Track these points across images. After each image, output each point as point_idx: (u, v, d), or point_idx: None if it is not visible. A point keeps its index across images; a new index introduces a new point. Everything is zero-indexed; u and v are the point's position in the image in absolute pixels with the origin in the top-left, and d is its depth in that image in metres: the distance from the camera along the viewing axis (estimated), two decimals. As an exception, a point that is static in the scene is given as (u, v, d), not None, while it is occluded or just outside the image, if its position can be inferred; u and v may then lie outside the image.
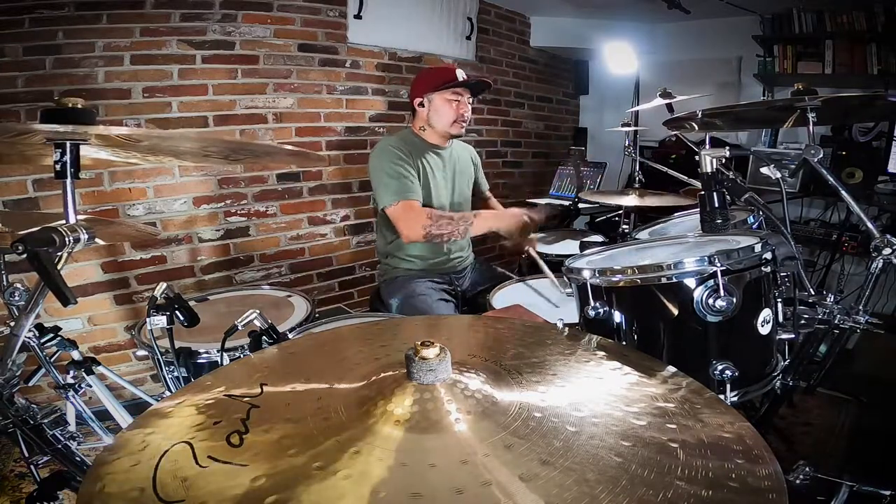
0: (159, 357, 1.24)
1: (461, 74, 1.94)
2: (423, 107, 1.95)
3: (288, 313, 1.62)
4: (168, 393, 1.30)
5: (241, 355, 1.27)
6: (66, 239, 0.80)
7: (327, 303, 2.90)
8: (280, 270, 2.78)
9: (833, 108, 1.33)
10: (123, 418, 1.40)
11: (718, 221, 1.13)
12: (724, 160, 1.12)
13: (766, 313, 0.95)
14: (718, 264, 0.87)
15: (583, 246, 2.01)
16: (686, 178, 2.21)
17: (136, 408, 1.20)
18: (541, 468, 0.49)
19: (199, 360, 1.34)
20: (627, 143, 2.66)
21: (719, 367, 0.90)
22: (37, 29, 2.02)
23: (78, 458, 0.95)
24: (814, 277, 3.07)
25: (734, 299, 0.88)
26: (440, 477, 0.48)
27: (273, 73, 2.59)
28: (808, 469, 0.97)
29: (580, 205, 3.26)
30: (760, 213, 1.26)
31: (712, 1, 3.06)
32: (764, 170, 1.24)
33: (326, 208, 2.89)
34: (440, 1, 3.11)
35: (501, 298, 1.74)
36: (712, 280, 0.89)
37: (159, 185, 2.36)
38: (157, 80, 2.28)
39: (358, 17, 2.79)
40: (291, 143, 2.63)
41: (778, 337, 1.02)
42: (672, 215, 2.01)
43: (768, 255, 0.94)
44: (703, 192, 1.14)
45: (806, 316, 1.07)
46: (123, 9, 2.16)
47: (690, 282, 0.91)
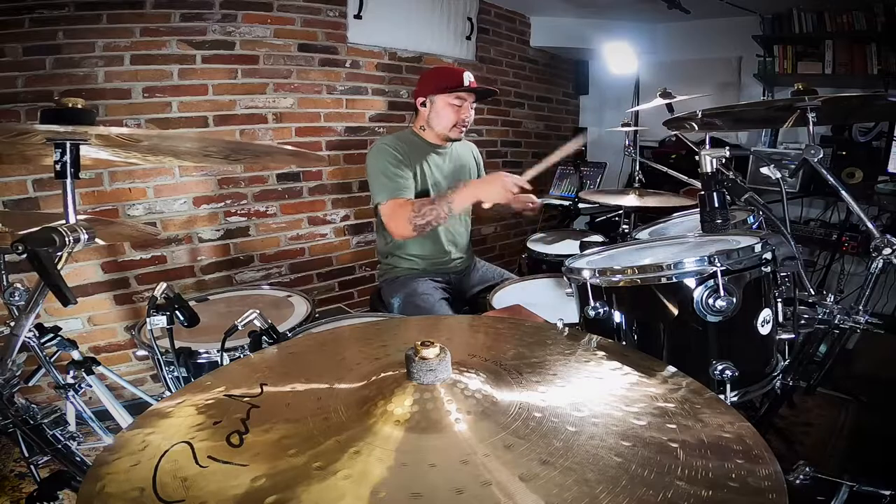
0: (159, 357, 1.24)
1: (468, 78, 1.90)
2: (424, 107, 1.95)
3: (288, 313, 1.62)
4: (168, 393, 1.30)
5: (241, 355, 1.27)
6: (66, 239, 0.80)
7: (327, 303, 2.91)
8: (280, 270, 2.78)
9: (833, 108, 1.33)
10: (123, 418, 1.40)
11: (718, 221, 1.13)
12: (724, 160, 1.13)
13: (766, 313, 0.95)
14: (718, 264, 0.87)
15: (583, 246, 2.00)
16: (686, 178, 2.21)
17: (136, 408, 1.20)
18: (541, 468, 0.49)
19: (199, 360, 1.33)
20: (627, 143, 2.66)
21: (719, 367, 0.90)
22: (37, 29, 2.02)
23: (78, 458, 0.95)
24: (814, 277, 3.07)
25: (734, 299, 0.88)
26: (440, 477, 0.48)
27: (273, 73, 2.59)
28: (808, 469, 0.97)
29: (580, 205, 3.26)
30: (760, 213, 1.26)
31: (712, 1, 3.06)
32: (764, 170, 1.24)
33: (326, 208, 2.89)
34: (440, 1, 3.11)
35: (501, 298, 1.74)
36: (712, 280, 0.89)
37: (159, 185, 2.36)
38: (157, 80, 2.28)
39: (358, 17, 2.79)
40: (291, 143, 2.63)
41: (778, 337, 1.02)
42: (672, 215, 2.01)
43: (768, 255, 0.94)
44: (703, 192, 1.14)
45: (806, 316, 1.07)
46: (123, 9, 2.17)
47: (690, 282, 0.91)
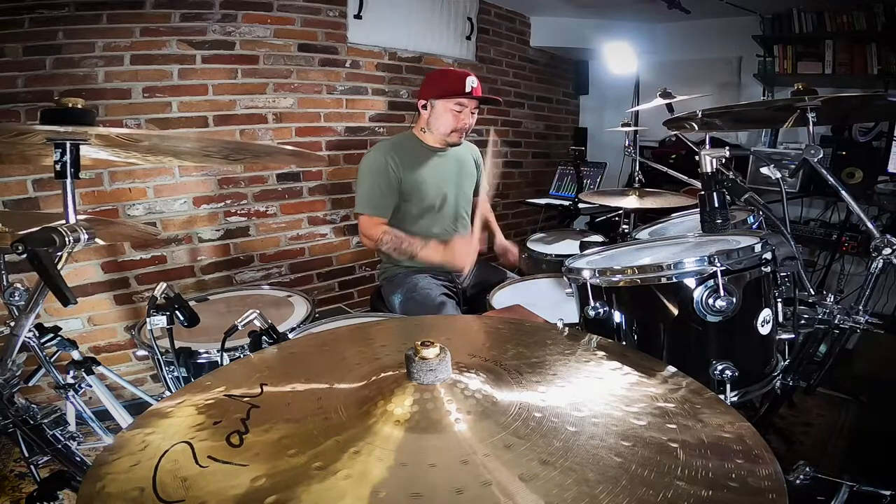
0: (159, 357, 1.24)
1: (471, 83, 1.87)
2: (426, 109, 1.94)
3: (288, 313, 1.62)
4: (168, 393, 1.30)
5: (241, 355, 1.27)
6: (66, 239, 0.80)
7: (327, 303, 2.90)
8: (280, 270, 2.78)
9: (833, 108, 1.33)
10: (123, 418, 1.40)
11: (718, 221, 1.13)
12: (724, 160, 1.13)
13: (766, 313, 0.95)
14: (718, 264, 0.87)
15: (583, 246, 2.00)
16: (686, 178, 2.21)
17: (136, 408, 1.20)
18: (541, 468, 0.49)
19: (199, 360, 1.33)
20: (627, 143, 2.66)
21: (719, 367, 0.90)
22: (37, 29, 2.02)
23: (78, 458, 0.95)
24: (814, 277, 3.07)
25: (734, 299, 0.88)
26: (440, 477, 0.48)
27: (273, 73, 2.59)
28: (808, 469, 0.97)
29: (580, 205, 3.26)
30: (760, 213, 1.26)
31: (712, 1, 3.06)
32: (764, 170, 1.24)
33: (326, 208, 2.90)
34: (440, 1, 3.11)
35: (501, 298, 1.74)
36: (712, 280, 0.89)
37: (159, 185, 2.36)
38: (157, 80, 2.28)
39: (358, 17, 2.79)
40: (291, 143, 2.63)
41: (778, 337, 1.02)
42: (672, 215, 2.01)
43: (768, 255, 0.94)
44: (703, 192, 1.14)
45: (806, 316, 1.07)
46: (123, 9, 2.17)
47: (690, 282, 0.91)
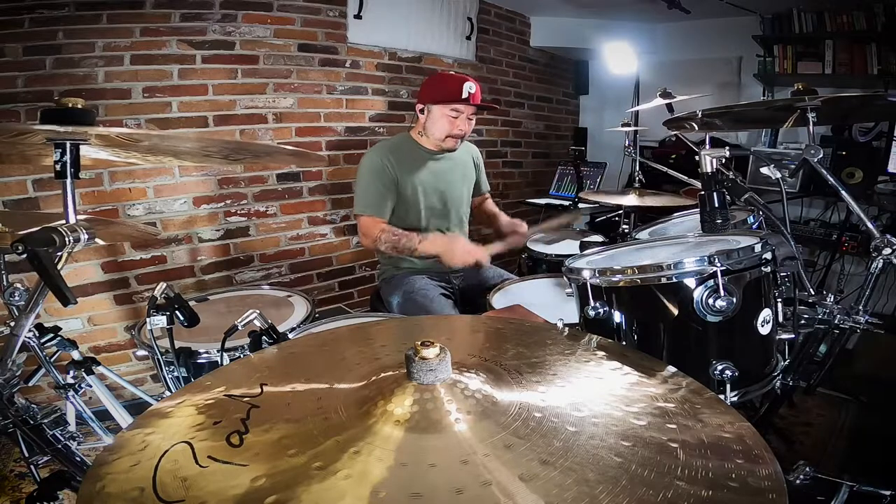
0: (159, 357, 1.24)
1: (468, 89, 1.84)
2: (423, 113, 1.94)
3: (288, 313, 1.62)
4: (168, 393, 1.30)
5: (241, 355, 1.27)
6: (66, 239, 0.80)
7: (327, 303, 2.90)
8: (280, 270, 2.78)
9: (833, 108, 1.33)
10: (123, 418, 1.40)
11: (718, 221, 1.13)
12: (724, 160, 1.13)
13: (766, 313, 0.95)
14: (718, 264, 0.87)
15: (583, 246, 2.01)
16: (686, 178, 2.21)
17: (136, 408, 1.20)
18: (541, 468, 0.49)
19: (199, 360, 1.33)
20: (627, 143, 2.66)
21: (719, 367, 0.90)
22: (37, 29, 2.02)
23: (78, 458, 0.95)
24: (814, 277, 3.07)
25: (734, 299, 0.88)
26: (440, 477, 0.48)
27: (273, 73, 2.59)
28: (808, 469, 0.97)
29: (580, 205, 3.25)
30: (760, 213, 1.26)
31: (712, 1, 3.06)
32: (764, 170, 1.24)
33: (326, 208, 2.90)
34: (440, 1, 3.11)
35: (501, 298, 1.74)
36: (712, 280, 0.89)
37: (159, 185, 2.36)
38: (157, 80, 2.28)
39: (358, 17, 2.79)
40: (291, 143, 2.63)
41: (778, 337, 1.02)
42: (672, 215, 2.00)
43: (768, 255, 0.94)
44: (703, 192, 1.14)
45: (806, 316, 1.07)
46: (123, 9, 2.17)
47: (690, 282, 0.91)
